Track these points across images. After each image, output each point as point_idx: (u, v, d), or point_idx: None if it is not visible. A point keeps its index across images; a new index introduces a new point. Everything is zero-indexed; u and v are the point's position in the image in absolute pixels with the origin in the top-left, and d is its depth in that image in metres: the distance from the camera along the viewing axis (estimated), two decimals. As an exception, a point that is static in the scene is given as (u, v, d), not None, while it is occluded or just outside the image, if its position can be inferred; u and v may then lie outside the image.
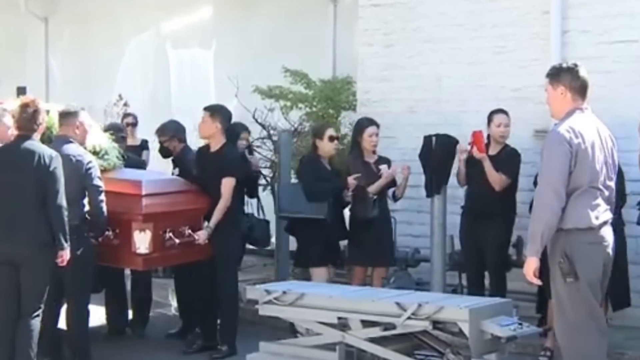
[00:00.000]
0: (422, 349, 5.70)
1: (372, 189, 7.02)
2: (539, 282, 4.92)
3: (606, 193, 4.93)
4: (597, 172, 4.86)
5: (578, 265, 4.78)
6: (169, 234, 6.49)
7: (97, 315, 7.39)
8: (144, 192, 6.46)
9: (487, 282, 7.15)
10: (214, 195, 6.77)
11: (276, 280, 7.91)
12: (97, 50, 13.00)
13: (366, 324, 5.64)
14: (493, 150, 7.13)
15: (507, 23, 7.98)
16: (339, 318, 5.73)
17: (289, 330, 6.22)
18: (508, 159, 6.96)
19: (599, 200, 4.88)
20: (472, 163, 7.08)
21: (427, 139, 7.33)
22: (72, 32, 13.50)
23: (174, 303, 8.94)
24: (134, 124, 10.12)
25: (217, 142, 6.93)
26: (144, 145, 9.91)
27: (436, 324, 5.41)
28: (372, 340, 5.62)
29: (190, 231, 6.62)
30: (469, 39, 8.19)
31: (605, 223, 4.90)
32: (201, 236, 6.65)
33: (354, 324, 5.69)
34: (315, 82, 9.72)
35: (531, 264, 4.83)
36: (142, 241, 6.33)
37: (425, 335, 5.57)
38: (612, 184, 5.00)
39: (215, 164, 6.83)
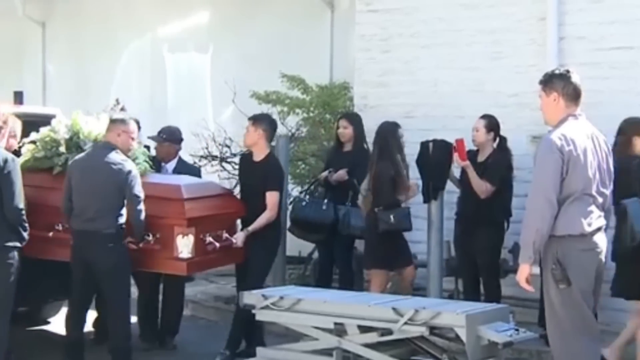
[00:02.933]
0: (419, 354, 5.70)
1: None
2: (532, 289, 4.93)
3: (600, 200, 4.93)
4: (590, 179, 4.86)
5: (570, 271, 4.80)
6: (209, 238, 6.41)
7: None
8: (185, 196, 6.37)
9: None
10: (254, 204, 6.72)
11: (273, 285, 7.90)
12: (94, 54, 12.98)
13: (363, 329, 5.64)
14: (481, 157, 7.16)
15: (504, 29, 8.00)
16: (336, 323, 5.73)
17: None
18: (493, 166, 6.98)
19: (592, 207, 4.89)
20: (463, 169, 7.12)
21: (424, 144, 7.34)
22: (69, 37, 13.48)
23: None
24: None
25: (261, 151, 6.86)
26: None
27: (433, 329, 5.42)
28: (369, 345, 5.62)
29: (227, 235, 6.56)
30: (465, 45, 8.21)
31: (598, 230, 4.90)
32: (239, 239, 6.60)
33: (350, 329, 5.69)
34: (312, 88, 9.73)
35: (524, 271, 4.85)
36: (184, 246, 6.23)
37: (422, 340, 5.57)
38: (607, 190, 5.00)
39: (259, 174, 6.76)
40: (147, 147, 9.69)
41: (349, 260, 7.82)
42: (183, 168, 7.48)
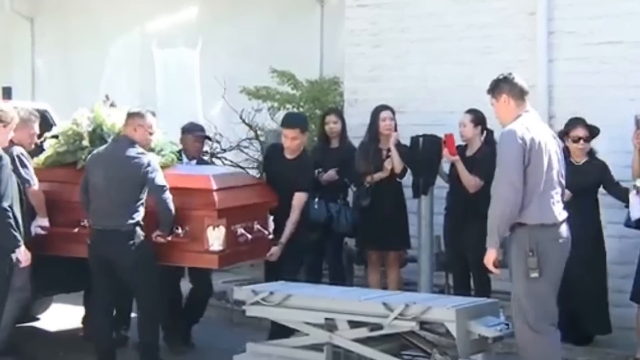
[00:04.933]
0: (409, 349, 5.71)
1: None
2: (498, 273, 5.20)
3: (560, 190, 5.13)
4: (552, 168, 5.04)
5: (543, 260, 4.91)
6: (240, 230, 6.23)
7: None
8: (215, 187, 6.15)
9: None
10: (280, 199, 6.59)
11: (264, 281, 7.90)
12: (83, 49, 12.94)
13: (353, 324, 5.64)
14: (470, 152, 7.17)
15: (494, 24, 8.01)
16: (326, 318, 5.73)
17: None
18: (482, 161, 7.00)
19: (559, 197, 5.09)
20: (453, 164, 7.13)
21: (414, 139, 7.35)
22: (57, 32, 13.43)
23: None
24: None
25: (297, 150, 6.75)
26: None
27: (423, 324, 5.42)
28: (359, 340, 5.62)
29: (259, 226, 6.39)
30: (455, 40, 8.21)
31: (565, 220, 5.09)
32: (274, 255, 6.49)
33: (341, 324, 5.69)
34: (302, 83, 9.72)
35: (490, 255, 5.11)
36: (216, 238, 6.02)
37: (413, 335, 5.58)
38: (564, 181, 5.19)
39: (290, 172, 6.65)
40: None
41: (340, 256, 7.83)
42: (204, 165, 7.35)
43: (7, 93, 7.75)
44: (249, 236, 6.24)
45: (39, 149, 6.65)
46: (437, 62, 8.29)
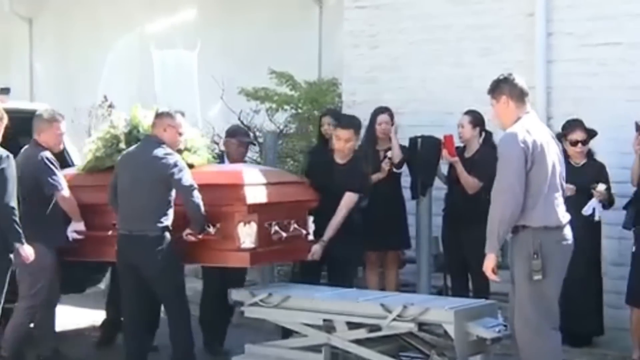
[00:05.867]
0: (408, 350, 5.71)
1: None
2: (497, 279, 5.11)
3: (561, 192, 5.11)
4: (555, 170, 5.01)
5: (547, 262, 4.89)
6: (275, 227, 6.00)
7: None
8: (245, 182, 5.95)
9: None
10: (329, 205, 6.36)
11: (262, 282, 7.89)
12: (82, 51, 12.94)
13: (351, 325, 5.64)
14: (468, 153, 7.16)
15: (492, 25, 8.00)
16: (324, 320, 5.73)
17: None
18: (482, 162, 6.99)
19: (561, 200, 5.06)
20: (451, 166, 7.13)
21: (413, 140, 7.35)
22: (56, 33, 13.43)
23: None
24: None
25: (348, 154, 6.58)
26: None
27: (421, 325, 5.42)
28: (358, 341, 5.62)
29: (297, 225, 6.16)
30: (454, 41, 8.20)
31: (568, 222, 5.07)
32: (316, 253, 6.26)
33: (339, 325, 5.69)
34: (300, 84, 9.72)
35: (490, 261, 5.03)
36: (247, 235, 5.81)
37: (411, 336, 5.57)
38: (564, 183, 5.18)
39: (342, 176, 6.46)
40: None
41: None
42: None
43: (6, 94, 7.72)
44: (284, 234, 6.02)
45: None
46: (435, 63, 8.29)
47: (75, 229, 6.34)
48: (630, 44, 7.36)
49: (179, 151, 6.16)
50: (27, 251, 5.81)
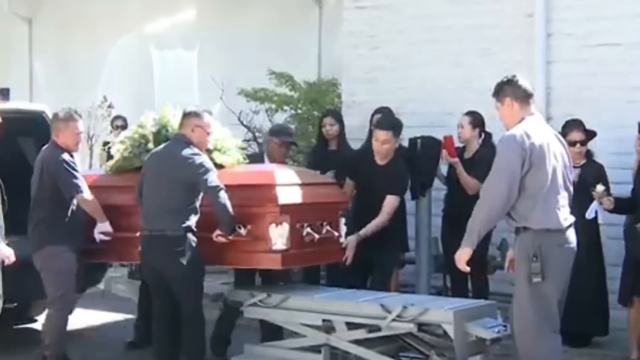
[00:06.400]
0: (407, 350, 5.70)
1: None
2: (467, 269, 5.15)
3: (566, 195, 5.05)
4: (556, 172, 4.97)
5: (548, 266, 4.88)
6: (307, 229, 5.85)
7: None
8: (277, 182, 5.84)
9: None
10: (369, 206, 6.36)
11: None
12: (81, 51, 12.94)
13: (351, 326, 5.64)
14: (468, 154, 7.16)
15: (492, 25, 8.00)
16: (324, 320, 5.72)
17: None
18: (481, 163, 6.99)
19: (564, 202, 5.01)
20: (451, 166, 7.13)
21: (412, 141, 7.34)
22: (55, 34, 13.43)
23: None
24: (124, 127, 10.07)
25: (389, 155, 6.53)
26: None
27: (421, 326, 5.42)
28: (357, 342, 5.61)
29: (329, 227, 6.01)
30: (453, 41, 8.20)
31: (571, 225, 5.02)
32: (351, 243, 6.13)
33: (338, 326, 5.68)
34: (300, 84, 9.72)
35: (465, 254, 5.08)
36: (279, 236, 5.68)
37: (410, 337, 5.57)
38: (571, 186, 5.12)
39: (382, 177, 6.41)
40: None
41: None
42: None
43: (5, 94, 7.71)
44: (316, 236, 5.88)
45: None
46: (435, 63, 8.29)
47: (101, 230, 6.22)
48: (629, 45, 7.36)
49: (209, 151, 6.05)
50: (5, 252, 5.78)
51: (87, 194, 6.14)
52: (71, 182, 6.10)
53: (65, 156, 6.15)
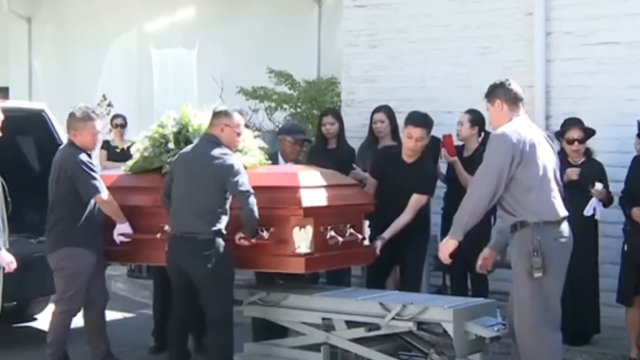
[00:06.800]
0: (407, 349, 5.71)
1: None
2: (449, 261, 5.28)
3: (557, 188, 5.13)
4: (547, 166, 5.06)
5: (548, 260, 4.91)
6: (331, 232, 5.75)
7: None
8: (301, 184, 5.72)
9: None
10: (395, 204, 6.23)
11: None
12: (81, 50, 12.95)
13: (350, 324, 5.64)
14: (467, 152, 7.16)
15: (491, 24, 8.01)
16: (323, 319, 5.73)
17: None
18: (480, 161, 6.96)
19: (558, 195, 5.09)
20: (450, 165, 7.13)
21: (411, 139, 7.34)
22: (55, 32, 13.44)
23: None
24: (123, 125, 10.08)
25: (417, 154, 6.39)
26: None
27: (420, 324, 5.42)
28: (357, 340, 5.62)
29: (353, 230, 5.90)
30: (453, 40, 8.21)
31: (566, 217, 5.10)
32: (377, 248, 6.02)
33: (338, 324, 5.69)
34: (299, 83, 9.72)
35: (450, 246, 5.20)
36: (302, 239, 5.57)
37: (410, 335, 5.57)
38: (561, 183, 5.21)
39: (410, 176, 6.29)
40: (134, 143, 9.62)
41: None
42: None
43: (5, 93, 7.72)
44: (340, 239, 5.76)
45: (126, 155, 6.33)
46: (434, 62, 8.29)
47: (121, 231, 6.10)
48: (628, 43, 7.37)
49: None
50: (6, 258, 5.70)
51: (106, 195, 6.01)
52: (89, 183, 5.96)
53: (83, 157, 6.02)
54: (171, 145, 6.16)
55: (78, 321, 7.34)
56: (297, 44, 10.64)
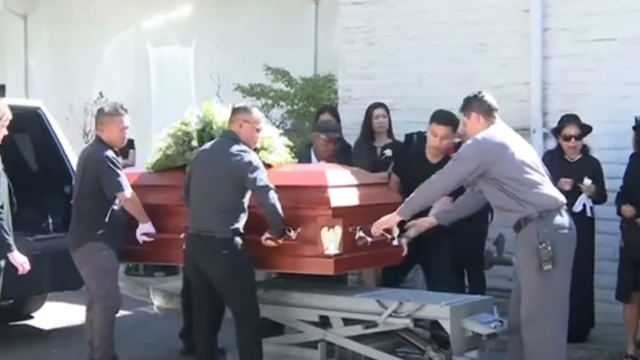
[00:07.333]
0: (404, 346, 5.70)
1: None
2: (379, 232, 5.44)
3: (547, 179, 5.18)
4: (533, 160, 5.15)
5: (555, 251, 4.90)
6: (359, 232, 5.59)
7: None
8: (329, 183, 5.56)
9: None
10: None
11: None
12: (77, 47, 12.93)
13: (348, 321, 5.64)
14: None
15: (488, 21, 8.00)
16: (321, 316, 5.72)
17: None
18: None
19: (550, 183, 5.16)
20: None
21: (409, 136, 7.35)
22: (51, 30, 13.42)
23: (155, 302, 8.92)
24: None
25: (441, 153, 6.30)
26: (131, 144, 9.81)
27: (417, 321, 5.42)
28: (354, 337, 5.62)
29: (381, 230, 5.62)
30: (449, 37, 8.20)
31: (565, 205, 5.14)
32: (403, 244, 5.81)
33: (335, 321, 5.68)
34: (296, 80, 9.72)
35: (392, 221, 5.41)
36: (331, 240, 5.41)
37: (407, 332, 5.57)
38: (548, 172, 5.26)
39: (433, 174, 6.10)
40: (132, 141, 9.64)
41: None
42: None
43: (1, 91, 7.70)
44: (369, 239, 5.58)
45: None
46: (431, 59, 8.28)
47: (144, 231, 5.99)
48: (625, 40, 7.36)
49: (255, 150, 5.79)
50: (19, 259, 5.64)
51: (130, 193, 5.91)
52: (114, 180, 5.86)
53: (109, 153, 5.92)
54: (194, 143, 6.02)
55: (75, 319, 7.35)
56: (294, 41, 10.63)
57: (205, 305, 5.71)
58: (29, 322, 8.00)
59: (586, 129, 6.81)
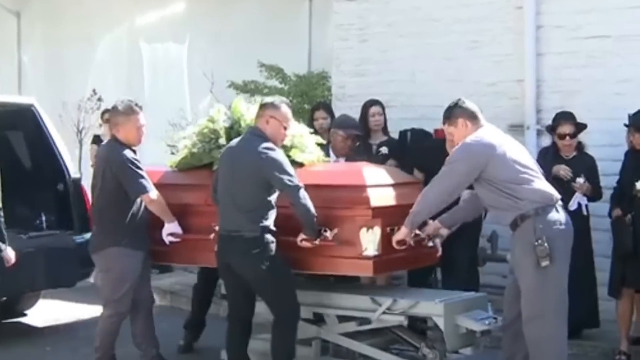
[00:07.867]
0: (398, 343, 5.71)
1: None
2: (397, 247, 5.29)
3: (542, 174, 5.18)
4: (525, 158, 5.14)
5: (552, 247, 4.90)
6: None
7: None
8: (367, 183, 5.40)
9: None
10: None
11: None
12: (70, 44, 12.89)
13: (342, 319, 5.64)
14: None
15: (481, 18, 8.00)
16: (315, 313, 5.72)
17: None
18: None
19: (544, 179, 5.15)
20: None
21: (402, 133, 7.35)
22: (44, 27, 13.38)
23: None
24: None
25: None
26: None
27: (411, 318, 5.42)
28: (348, 335, 5.62)
29: (418, 230, 5.45)
30: (443, 34, 8.20)
31: (560, 200, 5.12)
32: (437, 244, 5.64)
33: (329, 319, 5.69)
34: (290, 77, 9.71)
35: (404, 234, 5.23)
36: (370, 241, 5.26)
37: (401, 329, 5.58)
38: (541, 169, 5.26)
39: None
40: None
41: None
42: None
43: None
44: (409, 241, 5.37)
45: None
46: (424, 56, 8.29)
47: (170, 231, 5.83)
48: (619, 37, 7.37)
49: (285, 148, 5.63)
50: (11, 255, 5.66)
51: (154, 194, 5.73)
52: (137, 182, 5.68)
53: (129, 153, 5.72)
54: (222, 141, 5.82)
55: (68, 316, 7.34)
56: (287, 38, 10.61)
57: (242, 311, 5.57)
58: (23, 319, 7.98)
59: (581, 127, 6.82)
